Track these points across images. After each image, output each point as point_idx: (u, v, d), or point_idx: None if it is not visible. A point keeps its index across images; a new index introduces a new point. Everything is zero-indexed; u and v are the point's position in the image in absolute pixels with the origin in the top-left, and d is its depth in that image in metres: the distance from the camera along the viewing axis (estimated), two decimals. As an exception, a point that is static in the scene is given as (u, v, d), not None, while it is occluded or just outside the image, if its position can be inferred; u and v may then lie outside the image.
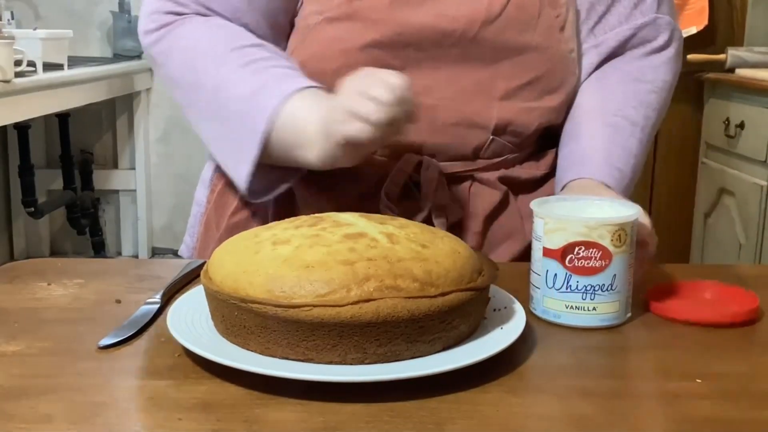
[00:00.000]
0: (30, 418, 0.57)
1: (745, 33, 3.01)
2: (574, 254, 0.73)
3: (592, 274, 0.73)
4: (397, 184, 0.97)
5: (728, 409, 0.60)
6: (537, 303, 0.76)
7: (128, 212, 3.58)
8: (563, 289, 0.74)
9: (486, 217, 1.00)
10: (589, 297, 0.73)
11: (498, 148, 1.00)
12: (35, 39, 2.50)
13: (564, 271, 0.73)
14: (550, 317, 0.75)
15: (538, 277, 0.76)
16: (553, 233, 0.74)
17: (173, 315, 0.70)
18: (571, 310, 0.74)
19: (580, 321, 0.74)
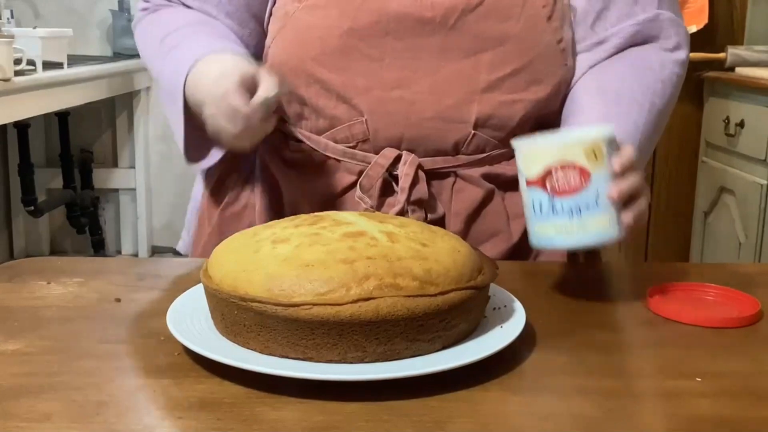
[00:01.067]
0: (30, 417, 0.57)
1: (745, 32, 3.00)
2: (553, 178, 0.75)
3: (573, 193, 0.75)
4: (373, 177, 0.97)
5: (728, 408, 0.60)
6: (532, 235, 0.79)
7: (128, 211, 3.58)
8: (549, 214, 0.76)
9: (468, 215, 0.99)
10: (576, 216, 0.75)
11: (480, 143, 0.98)
12: (35, 38, 2.50)
13: (547, 197, 0.76)
14: (544, 243, 0.77)
15: (526, 209, 0.78)
16: (531, 162, 0.76)
17: (173, 314, 0.70)
18: (561, 233, 0.76)
19: (572, 241, 0.76)
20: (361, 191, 0.97)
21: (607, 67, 1.01)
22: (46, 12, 3.43)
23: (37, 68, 2.50)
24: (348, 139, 0.98)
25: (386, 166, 0.97)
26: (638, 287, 0.84)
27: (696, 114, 3.06)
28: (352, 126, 0.98)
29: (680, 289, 0.83)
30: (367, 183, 0.97)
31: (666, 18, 1.02)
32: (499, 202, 1.01)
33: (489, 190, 1.00)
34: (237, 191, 1.06)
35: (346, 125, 0.98)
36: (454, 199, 0.99)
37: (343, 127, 0.98)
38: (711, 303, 0.82)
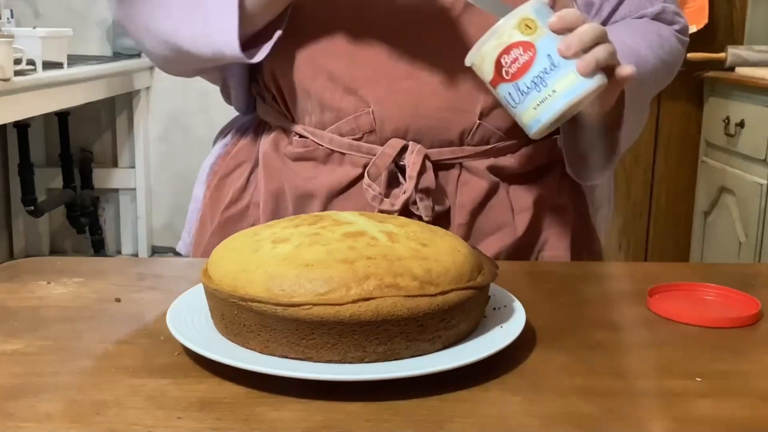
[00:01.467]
0: (30, 417, 0.57)
1: (745, 31, 3.01)
2: (505, 67, 0.78)
3: (528, 68, 0.77)
4: (380, 166, 0.97)
5: (728, 408, 0.60)
6: (525, 128, 0.81)
7: (128, 211, 3.58)
8: (522, 97, 0.78)
9: (474, 208, 0.99)
10: (543, 86, 0.78)
11: (485, 133, 0.98)
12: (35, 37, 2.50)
13: (510, 85, 0.79)
14: (536, 126, 0.80)
15: (509, 111, 0.82)
16: (483, 66, 0.80)
17: (173, 314, 0.70)
18: (541, 107, 0.78)
19: (555, 106, 0.78)
20: (371, 179, 0.97)
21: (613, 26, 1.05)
22: (46, 12, 3.44)
23: (37, 68, 2.50)
24: (354, 131, 0.98)
25: (393, 155, 0.97)
26: (638, 287, 0.84)
27: (696, 114, 3.06)
28: (359, 117, 0.97)
29: (680, 289, 0.83)
30: (374, 172, 0.97)
31: (671, 10, 1.06)
32: (504, 195, 1.01)
33: (494, 183, 1.00)
34: (239, 190, 1.06)
35: (352, 117, 0.98)
36: (460, 191, 0.99)
37: (350, 119, 0.98)
38: (711, 303, 0.82)
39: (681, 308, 0.78)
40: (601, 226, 1.13)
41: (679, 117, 3.08)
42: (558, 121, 0.81)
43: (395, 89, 0.95)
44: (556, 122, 0.80)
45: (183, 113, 3.45)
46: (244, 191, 1.06)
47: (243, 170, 1.07)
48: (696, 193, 3.06)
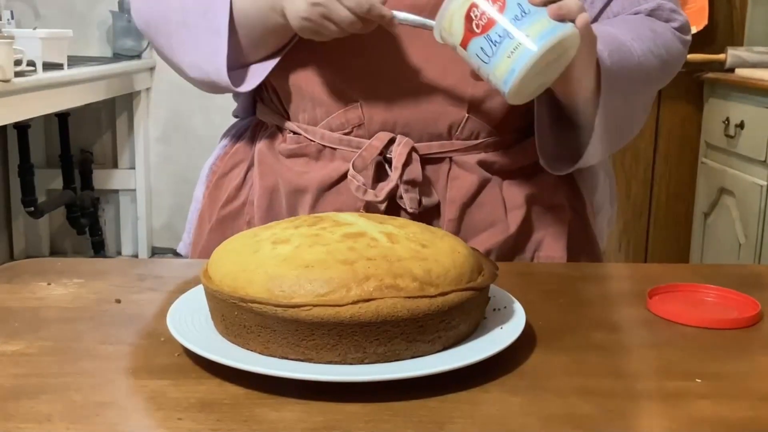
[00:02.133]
0: (30, 418, 0.57)
1: (744, 33, 3.01)
2: (475, 20, 0.77)
3: (499, 17, 0.77)
4: (366, 158, 0.98)
5: (728, 409, 0.60)
6: (499, 85, 0.79)
7: (128, 212, 3.58)
8: (494, 48, 0.77)
9: (463, 203, 0.99)
10: (515, 35, 0.77)
11: (475, 127, 0.98)
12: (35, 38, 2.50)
13: (482, 38, 0.77)
14: (511, 79, 0.77)
15: (480, 71, 0.80)
16: (452, 25, 0.79)
17: (173, 315, 0.70)
18: (514, 56, 0.77)
19: (529, 52, 0.76)
20: (356, 170, 0.98)
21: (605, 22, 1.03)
22: (46, 13, 3.44)
23: (37, 69, 2.50)
24: (344, 125, 0.99)
25: (380, 147, 0.97)
26: (638, 288, 0.84)
27: (696, 115, 3.06)
28: (348, 111, 0.98)
29: (680, 290, 0.83)
30: (360, 163, 0.98)
31: (668, 7, 1.04)
32: (497, 192, 1.00)
33: (484, 178, 1.00)
34: (236, 188, 1.07)
35: (341, 111, 0.99)
36: (450, 186, 0.99)
37: (339, 113, 0.99)
38: (711, 304, 0.82)
39: (681, 309, 0.78)
40: (602, 228, 1.12)
41: (679, 118, 3.08)
42: (530, 78, 0.78)
43: (382, 83, 0.96)
44: (529, 79, 0.77)
45: (183, 114, 3.45)
46: (240, 189, 1.07)
47: (240, 169, 1.08)
48: (696, 194, 3.06)
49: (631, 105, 0.99)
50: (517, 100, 0.82)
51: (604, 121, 0.93)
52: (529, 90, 0.81)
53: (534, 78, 0.79)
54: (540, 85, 0.83)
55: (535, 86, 0.82)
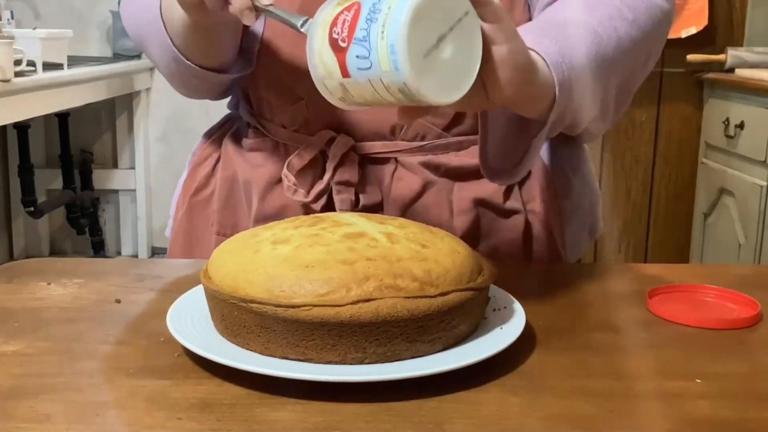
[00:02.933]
0: (29, 418, 0.57)
1: (744, 33, 3.01)
2: (339, 39, 0.66)
3: (357, 16, 0.65)
4: (304, 157, 0.98)
5: (728, 409, 0.60)
6: (395, 78, 0.64)
7: (128, 212, 3.58)
8: (367, 43, 0.65)
9: (405, 203, 0.98)
10: (378, 14, 0.65)
11: (420, 129, 0.98)
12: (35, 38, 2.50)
13: (352, 47, 0.65)
14: (395, 58, 0.63)
15: (368, 78, 0.66)
16: (327, 65, 0.68)
17: (173, 315, 0.70)
18: (386, 29, 0.63)
19: (398, 18, 0.63)
20: (289, 170, 0.98)
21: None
22: (46, 13, 3.44)
23: (37, 69, 2.50)
24: (292, 122, 1.00)
25: (320, 146, 0.98)
26: (638, 288, 0.84)
27: (696, 115, 3.06)
28: (295, 108, 0.99)
29: (680, 291, 0.84)
30: (297, 162, 0.98)
31: None
32: (443, 195, 0.99)
33: (429, 180, 0.98)
34: (206, 178, 1.09)
35: (289, 108, 1.00)
36: (394, 186, 0.98)
37: (288, 110, 1.00)
38: (711, 304, 0.82)
39: (681, 309, 0.78)
40: (579, 235, 1.09)
41: (679, 118, 3.08)
42: (419, 51, 0.64)
43: None
44: (421, 55, 0.64)
45: (183, 114, 3.45)
46: (210, 179, 1.08)
47: (212, 159, 1.09)
48: (696, 194, 3.06)
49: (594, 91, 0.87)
50: (441, 96, 0.67)
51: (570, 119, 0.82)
52: (440, 78, 0.66)
53: (433, 59, 0.66)
54: (459, 74, 0.68)
55: (448, 72, 0.67)
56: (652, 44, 0.91)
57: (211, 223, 1.06)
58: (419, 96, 0.65)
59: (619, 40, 0.85)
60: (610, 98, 0.89)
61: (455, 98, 0.67)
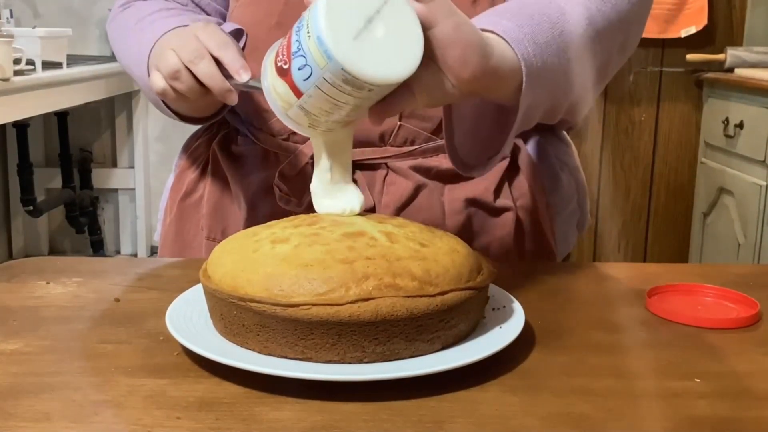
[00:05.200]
0: (29, 417, 0.56)
1: (744, 33, 3.01)
2: (281, 64, 0.67)
3: (290, 37, 0.66)
4: (296, 165, 0.98)
5: (727, 409, 0.60)
6: (334, 68, 0.63)
7: (127, 211, 3.58)
8: (299, 45, 0.65)
9: (397, 208, 0.98)
10: (302, 20, 0.66)
11: (409, 134, 0.98)
12: (34, 37, 2.50)
13: (293, 62, 0.66)
14: (326, 46, 0.63)
15: (317, 83, 0.65)
16: (281, 94, 0.68)
17: (172, 314, 0.70)
18: (310, 25, 0.64)
19: (314, 10, 0.64)
20: (280, 178, 0.98)
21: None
22: (45, 12, 3.43)
23: (36, 68, 2.49)
24: (282, 131, 1.01)
25: (310, 154, 0.98)
26: (637, 288, 0.84)
27: (695, 115, 3.06)
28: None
29: (679, 290, 0.83)
30: (288, 170, 0.99)
31: None
32: (435, 196, 0.99)
33: (420, 183, 0.99)
34: (194, 182, 1.09)
35: (277, 117, 0.99)
36: (385, 191, 0.99)
37: (276, 119, 1.00)
38: (710, 304, 0.82)
39: (680, 309, 0.78)
40: (568, 229, 1.10)
41: (679, 118, 3.08)
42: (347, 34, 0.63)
43: None
44: (340, 36, 0.63)
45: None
46: (198, 184, 1.08)
47: (199, 164, 1.09)
48: (695, 193, 3.06)
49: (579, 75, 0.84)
50: (386, 75, 0.64)
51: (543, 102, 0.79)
52: (380, 57, 0.64)
53: (366, 39, 0.64)
54: (402, 51, 0.65)
55: (389, 51, 0.65)
56: (630, 25, 0.88)
57: (200, 227, 1.06)
58: (362, 78, 0.63)
59: (591, 18, 0.82)
60: (589, 79, 0.86)
61: (404, 75, 0.65)
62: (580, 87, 0.84)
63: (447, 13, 0.66)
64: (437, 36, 0.66)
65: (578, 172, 1.11)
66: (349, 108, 0.67)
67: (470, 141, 0.83)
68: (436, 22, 0.66)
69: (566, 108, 0.84)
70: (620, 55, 0.90)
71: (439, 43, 0.66)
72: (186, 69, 0.81)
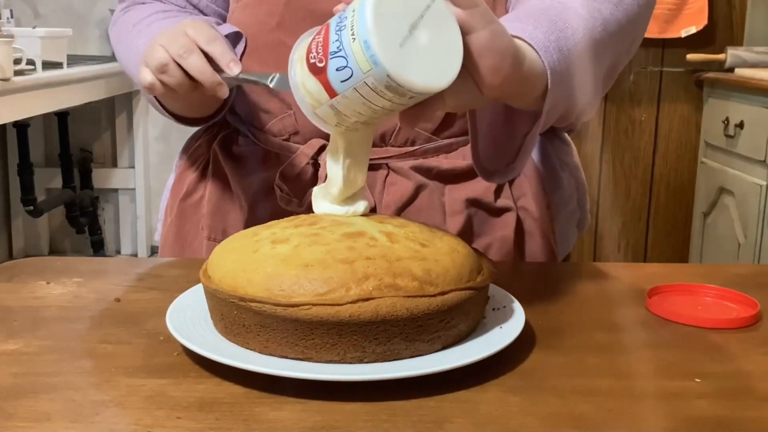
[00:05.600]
0: (29, 417, 0.56)
1: (744, 33, 3.01)
2: (315, 61, 0.66)
3: (327, 33, 0.65)
4: (296, 166, 0.99)
5: (727, 409, 0.60)
6: (380, 75, 0.63)
7: (127, 211, 3.58)
8: (341, 49, 0.64)
9: (398, 208, 0.98)
10: (344, 19, 0.64)
11: (410, 134, 0.98)
12: (34, 37, 2.50)
13: (330, 63, 0.65)
14: (376, 54, 0.62)
15: (356, 86, 0.64)
16: (312, 92, 0.67)
17: (172, 314, 0.70)
18: (355, 28, 0.63)
19: (361, 15, 0.63)
20: (281, 179, 0.99)
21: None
22: (45, 12, 3.43)
23: (36, 68, 2.49)
24: (282, 131, 1.01)
25: (311, 155, 0.98)
26: (637, 288, 0.84)
27: (695, 115, 3.06)
28: (283, 119, 1.00)
29: (679, 290, 0.84)
30: (289, 171, 0.99)
31: None
32: (435, 197, 0.99)
33: (421, 183, 0.99)
34: (195, 183, 1.09)
35: (278, 118, 1.00)
36: (386, 191, 0.99)
37: (276, 120, 1.01)
38: (710, 304, 0.82)
39: (680, 309, 0.78)
40: (569, 229, 1.10)
41: (679, 118, 3.08)
42: (393, 41, 0.63)
43: None
44: (387, 42, 0.62)
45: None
46: (198, 184, 1.08)
47: (199, 164, 1.09)
48: (695, 193, 3.06)
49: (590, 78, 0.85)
50: (428, 83, 0.64)
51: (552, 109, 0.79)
52: (423, 65, 0.64)
53: (410, 47, 0.64)
54: (443, 59, 0.66)
55: (430, 58, 0.65)
56: (637, 27, 0.90)
57: (201, 227, 1.06)
58: (407, 85, 0.63)
59: (606, 23, 0.83)
60: (600, 82, 0.87)
61: (444, 83, 0.65)
62: (592, 90, 0.85)
63: (486, 21, 0.67)
64: (474, 42, 0.66)
65: (578, 172, 1.12)
66: (382, 111, 0.67)
67: (487, 145, 0.83)
68: (475, 29, 0.66)
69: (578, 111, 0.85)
70: (626, 56, 0.92)
71: (476, 51, 0.66)
72: (174, 63, 0.82)
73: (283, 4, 0.97)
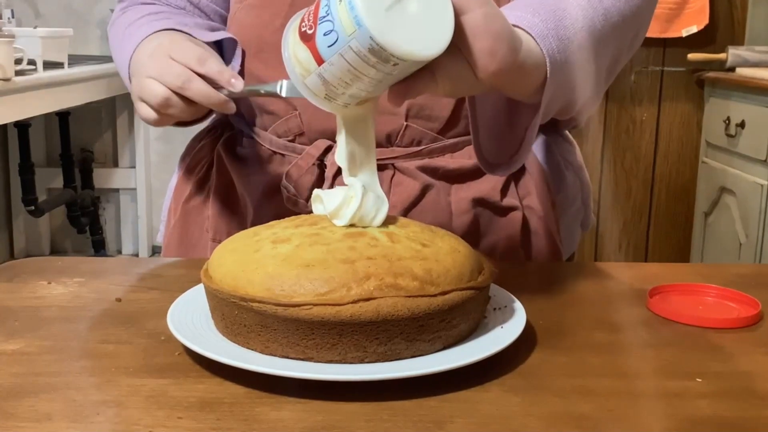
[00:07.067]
0: (30, 417, 0.57)
1: (745, 32, 3.01)
2: (306, 29, 0.66)
3: (317, 8, 0.65)
4: (302, 167, 0.98)
5: (728, 409, 0.60)
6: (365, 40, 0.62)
7: (128, 211, 3.58)
8: (328, 11, 0.64)
9: (405, 208, 0.98)
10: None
11: (415, 135, 0.98)
12: (35, 37, 2.50)
13: (318, 29, 0.64)
14: (360, 16, 0.61)
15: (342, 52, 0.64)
16: (301, 60, 0.67)
17: (173, 313, 0.70)
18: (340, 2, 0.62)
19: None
20: (287, 180, 0.98)
21: None
22: (46, 11, 3.44)
23: (37, 68, 2.50)
24: (287, 133, 1.01)
25: (317, 155, 0.98)
26: (638, 287, 0.84)
27: (696, 114, 3.06)
28: (289, 120, 1.00)
29: (680, 290, 0.83)
30: (295, 172, 0.99)
31: None
32: (442, 196, 0.99)
33: (427, 183, 0.99)
34: (198, 185, 1.09)
35: (283, 119, 1.00)
36: (393, 192, 0.99)
37: (282, 121, 1.00)
38: (711, 304, 0.82)
39: (681, 309, 0.78)
40: (573, 229, 1.10)
41: (680, 117, 3.08)
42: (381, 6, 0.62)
43: None
44: (372, 5, 0.62)
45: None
46: (203, 184, 1.08)
47: (203, 165, 1.09)
48: (696, 193, 3.06)
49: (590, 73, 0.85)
50: (414, 50, 0.63)
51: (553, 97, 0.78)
52: (410, 32, 0.63)
53: (398, 13, 0.63)
54: (432, 30, 0.64)
55: (419, 27, 0.64)
56: (639, 19, 0.88)
57: (206, 229, 1.06)
58: (389, 48, 0.62)
59: (607, 13, 0.82)
60: (602, 74, 0.86)
61: (430, 54, 0.64)
62: (594, 83, 0.84)
63: (480, 1, 0.65)
64: (468, 23, 0.65)
65: (582, 171, 1.12)
66: (368, 81, 0.66)
67: (489, 138, 0.82)
68: (469, 8, 0.65)
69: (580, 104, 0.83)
70: (629, 51, 0.91)
71: (469, 31, 0.65)
72: (175, 95, 0.81)
73: (287, 5, 0.97)
